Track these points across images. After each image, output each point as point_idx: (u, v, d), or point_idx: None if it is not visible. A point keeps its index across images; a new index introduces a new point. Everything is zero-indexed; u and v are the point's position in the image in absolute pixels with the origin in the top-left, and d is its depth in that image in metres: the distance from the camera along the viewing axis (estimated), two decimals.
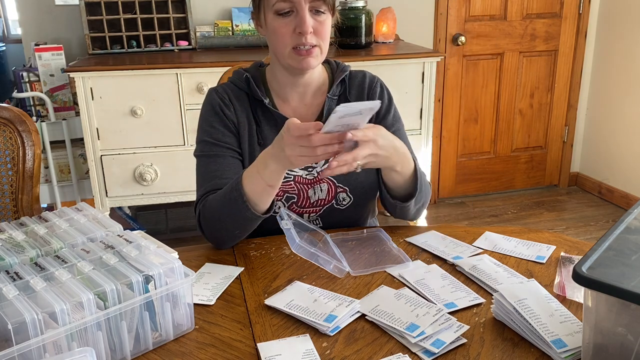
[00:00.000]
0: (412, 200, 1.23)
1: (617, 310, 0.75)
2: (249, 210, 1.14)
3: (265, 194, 1.14)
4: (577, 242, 1.23)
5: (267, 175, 1.10)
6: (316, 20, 1.20)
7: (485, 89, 3.55)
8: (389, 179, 1.22)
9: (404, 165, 1.17)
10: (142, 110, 2.53)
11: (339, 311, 0.96)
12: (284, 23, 1.19)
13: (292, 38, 1.20)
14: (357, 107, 0.97)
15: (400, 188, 1.23)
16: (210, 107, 1.31)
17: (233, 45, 2.96)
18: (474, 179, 3.72)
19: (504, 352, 0.87)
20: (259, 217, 1.16)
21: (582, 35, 3.57)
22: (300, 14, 1.18)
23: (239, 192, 1.13)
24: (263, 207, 1.16)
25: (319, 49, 1.22)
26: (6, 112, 1.51)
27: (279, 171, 1.09)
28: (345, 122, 0.99)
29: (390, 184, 1.23)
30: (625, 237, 0.84)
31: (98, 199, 2.62)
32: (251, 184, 1.13)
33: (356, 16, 2.79)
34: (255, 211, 1.15)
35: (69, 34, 2.93)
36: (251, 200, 1.14)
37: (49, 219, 1.09)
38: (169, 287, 0.90)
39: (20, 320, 0.75)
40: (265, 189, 1.12)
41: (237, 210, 1.15)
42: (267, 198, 1.15)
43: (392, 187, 1.24)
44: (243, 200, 1.13)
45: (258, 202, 1.15)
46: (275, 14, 1.20)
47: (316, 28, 1.20)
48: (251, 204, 1.14)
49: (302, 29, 1.18)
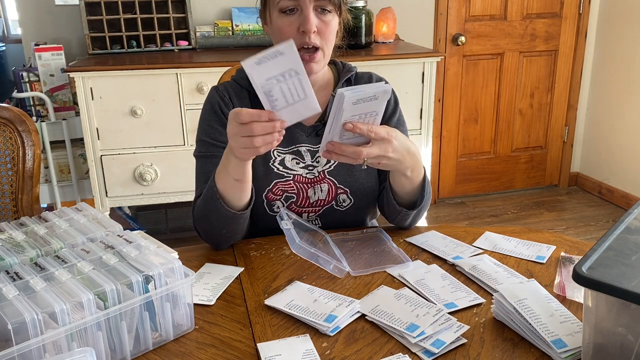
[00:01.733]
0: (417, 209, 1.22)
1: (617, 310, 0.75)
2: (223, 208, 1.13)
3: (235, 190, 1.12)
4: (577, 242, 1.23)
5: (231, 169, 1.09)
6: (321, 20, 1.18)
7: (485, 89, 3.55)
8: (397, 184, 1.19)
9: (414, 171, 1.15)
10: (142, 110, 2.53)
11: (339, 311, 0.96)
12: (288, 22, 1.18)
13: (296, 37, 1.18)
14: (371, 91, 0.93)
15: (407, 194, 1.21)
16: (210, 106, 1.30)
17: (233, 45, 2.96)
18: (474, 179, 3.73)
19: (504, 352, 0.87)
20: (234, 214, 1.14)
21: (582, 35, 3.57)
22: (305, 12, 1.16)
23: (213, 189, 1.13)
24: (237, 203, 1.15)
25: (322, 52, 1.20)
26: (6, 112, 1.51)
27: (240, 164, 1.07)
28: (362, 109, 0.95)
29: (398, 188, 1.21)
30: (625, 237, 0.84)
31: (98, 199, 2.62)
32: (221, 180, 1.12)
33: (356, 16, 2.79)
34: (230, 208, 1.13)
35: (69, 34, 2.93)
36: (224, 197, 1.13)
37: (49, 219, 1.09)
38: (169, 287, 0.90)
39: (20, 320, 0.75)
40: (233, 184, 1.11)
41: (215, 209, 1.14)
42: (239, 194, 1.13)
43: (399, 193, 1.22)
44: (217, 197, 1.12)
45: (231, 199, 1.13)
46: (279, 12, 1.19)
47: (320, 28, 1.18)
48: (225, 201, 1.13)
49: (306, 28, 1.16)
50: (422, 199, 1.21)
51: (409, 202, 1.23)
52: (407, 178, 1.16)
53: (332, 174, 1.28)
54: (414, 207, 1.22)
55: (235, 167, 1.08)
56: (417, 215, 1.26)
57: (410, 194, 1.21)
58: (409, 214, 1.24)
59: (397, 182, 1.19)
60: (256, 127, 0.97)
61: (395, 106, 1.35)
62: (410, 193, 1.21)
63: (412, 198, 1.22)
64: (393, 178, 1.20)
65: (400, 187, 1.20)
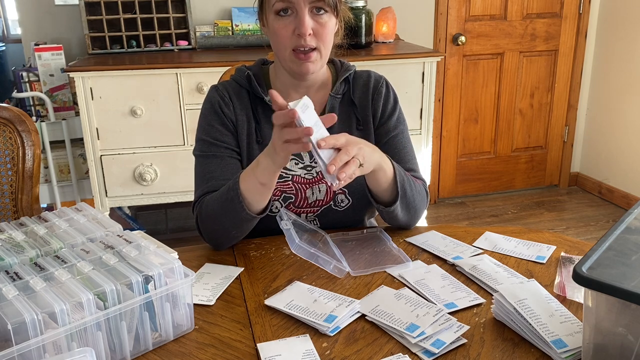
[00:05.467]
0: (397, 205, 1.20)
1: (617, 310, 0.75)
2: (244, 210, 1.13)
3: (259, 194, 1.13)
4: (577, 242, 1.23)
5: (259, 173, 1.10)
6: (317, 21, 1.18)
7: (485, 88, 3.55)
8: (373, 181, 1.18)
9: (387, 163, 1.16)
10: (142, 110, 2.53)
11: (339, 311, 0.96)
12: (283, 24, 1.18)
13: (292, 40, 1.18)
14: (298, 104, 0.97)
15: (385, 191, 1.20)
16: (209, 106, 1.30)
17: (233, 45, 2.95)
18: (474, 179, 3.72)
19: (504, 353, 0.87)
20: (253, 217, 1.16)
21: (582, 35, 3.57)
22: (299, 15, 1.16)
23: (235, 191, 1.13)
24: (258, 207, 1.16)
25: (318, 52, 1.20)
26: (6, 112, 1.51)
27: (270, 168, 1.08)
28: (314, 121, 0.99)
29: (375, 186, 1.20)
30: (625, 237, 0.84)
31: (98, 199, 2.61)
32: (246, 182, 1.13)
33: (356, 16, 2.79)
34: (250, 211, 1.15)
35: (68, 33, 2.93)
36: (246, 199, 1.14)
37: (48, 219, 1.09)
38: (169, 287, 0.90)
39: (20, 320, 0.75)
40: (258, 188, 1.12)
41: (233, 210, 1.14)
42: (261, 198, 1.14)
43: (376, 190, 1.21)
44: (239, 199, 1.13)
45: (253, 202, 1.14)
46: (275, 14, 1.18)
47: (316, 29, 1.18)
48: (246, 204, 1.14)
49: (301, 31, 1.16)
50: (398, 195, 1.18)
51: (388, 199, 1.22)
52: (384, 171, 1.15)
53: None
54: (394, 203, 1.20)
55: (265, 170, 1.09)
56: (409, 213, 1.25)
57: (388, 189, 1.19)
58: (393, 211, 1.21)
59: (374, 179, 1.17)
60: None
61: (394, 104, 1.35)
62: (388, 189, 1.19)
63: (391, 194, 1.20)
64: (369, 178, 1.18)
65: (376, 187, 1.19)
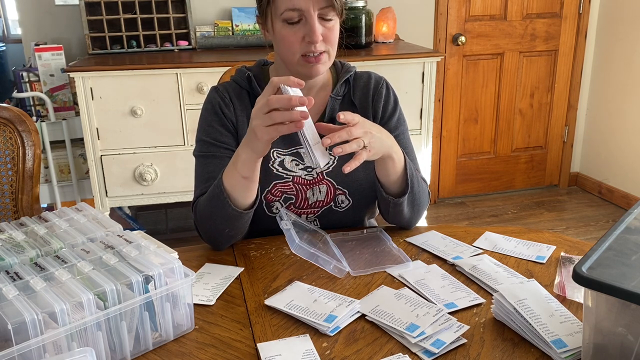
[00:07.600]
0: (405, 197, 1.21)
1: (617, 310, 0.75)
2: (230, 207, 1.13)
3: (243, 189, 1.13)
4: (577, 242, 1.23)
5: (240, 166, 1.10)
6: (325, 26, 1.18)
7: (485, 88, 3.55)
8: (382, 169, 1.19)
9: (398, 153, 1.16)
10: (142, 110, 2.53)
11: (339, 311, 0.96)
12: (292, 32, 1.18)
13: (301, 46, 1.18)
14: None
15: (394, 183, 1.21)
16: (210, 106, 1.31)
17: (233, 45, 2.96)
18: (474, 179, 3.72)
19: (504, 353, 0.87)
20: (241, 213, 1.15)
21: (582, 35, 3.57)
22: (310, 23, 1.16)
23: (219, 188, 1.14)
24: (245, 202, 1.15)
25: (327, 54, 1.21)
26: (6, 112, 1.51)
27: (251, 158, 1.08)
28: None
29: (383, 176, 1.20)
30: (625, 237, 0.84)
31: (98, 199, 2.62)
32: (229, 178, 1.13)
33: (356, 16, 2.79)
34: (237, 207, 1.14)
35: (69, 34, 2.93)
36: (231, 196, 1.14)
37: (49, 219, 1.09)
38: (169, 287, 0.90)
39: (20, 320, 0.75)
40: (242, 182, 1.12)
41: (221, 208, 1.15)
42: (246, 192, 1.14)
43: (386, 183, 1.21)
44: (224, 196, 1.13)
45: (238, 198, 1.14)
46: (283, 22, 1.18)
47: (325, 34, 1.18)
48: (232, 200, 1.14)
49: (312, 39, 1.16)
50: (408, 187, 1.20)
51: (397, 192, 1.22)
52: (393, 161, 1.16)
53: (331, 175, 1.28)
54: (404, 195, 1.21)
55: (245, 162, 1.09)
56: (413, 209, 1.25)
57: (398, 181, 1.20)
58: (401, 202, 1.21)
59: (383, 168, 1.18)
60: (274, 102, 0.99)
61: (395, 105, 1.35)
62: (398, 180, 1.20)
63: (401, 185, 1.21)
64: (378, 166, 1.19)
65: (385, 177, 1.20)
